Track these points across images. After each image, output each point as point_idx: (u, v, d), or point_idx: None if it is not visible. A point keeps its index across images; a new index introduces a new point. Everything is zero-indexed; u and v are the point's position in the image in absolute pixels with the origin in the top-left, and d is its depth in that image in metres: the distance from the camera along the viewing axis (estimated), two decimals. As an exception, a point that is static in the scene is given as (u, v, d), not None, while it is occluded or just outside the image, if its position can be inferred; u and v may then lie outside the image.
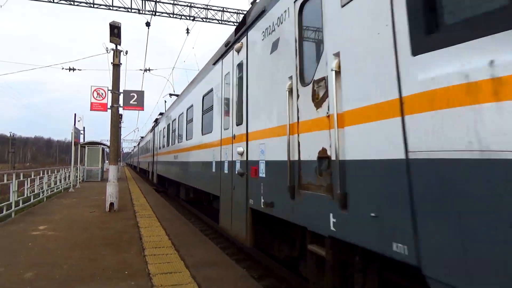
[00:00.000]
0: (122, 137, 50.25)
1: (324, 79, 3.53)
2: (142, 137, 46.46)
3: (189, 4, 21.44)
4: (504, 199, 1.85)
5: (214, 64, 8.14)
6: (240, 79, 6.20)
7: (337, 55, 3.31)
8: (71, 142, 19.95)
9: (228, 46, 7.08)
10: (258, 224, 5.61)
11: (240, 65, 6.24)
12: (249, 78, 5.71)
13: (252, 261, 7.78)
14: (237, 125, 6.35)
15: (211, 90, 8.46)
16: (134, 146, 72.64)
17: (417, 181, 2.40)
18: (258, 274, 6.93)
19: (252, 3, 6.27)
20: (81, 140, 24.33)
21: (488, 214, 1.93)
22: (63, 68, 19.48)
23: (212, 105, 8.34)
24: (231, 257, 7.65)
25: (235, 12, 22.22)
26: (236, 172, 6.16)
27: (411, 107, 2.44)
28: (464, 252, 2.06)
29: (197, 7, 21.54)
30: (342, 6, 3.26)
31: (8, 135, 71.88)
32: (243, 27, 6.18)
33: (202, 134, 9.38)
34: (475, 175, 2.00)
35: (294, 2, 4.22)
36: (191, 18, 21.39)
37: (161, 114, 23.28)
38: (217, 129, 7.76)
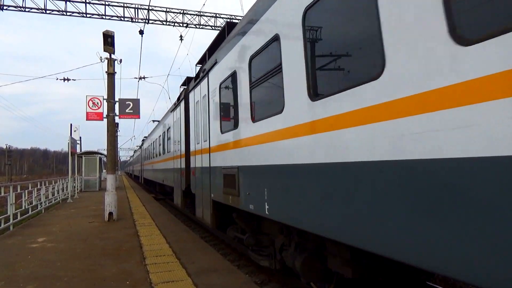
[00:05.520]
0: (119, 145, 50.10)
1: None
2: (145, 137, 34.41)
3: (182, 11, 21.49)
4: None
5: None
6: None
7: None
8: (68, 152, 19.86)
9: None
10: None
11: None
12: None
13: (254, 267, 7.75)
14: None
15: None
16: (135, 151, 58.51)
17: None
18: (261, 280, 6.90)
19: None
20: (78, 150, 24.26)
21: None
22: (57, 79, 19.44)
23: None
24: (232, 263, 7.64)
25: (228, 18, 22.28)
26: None
27: None
28: None
29: (190, 14, 21.59)
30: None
31: (4, 147, 71.49)
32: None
33: None
34: None
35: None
36: (184, 25, 21.43)
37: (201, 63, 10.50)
38: None
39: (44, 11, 19.24)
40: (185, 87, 12.44)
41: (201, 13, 21.72)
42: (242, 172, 6.07)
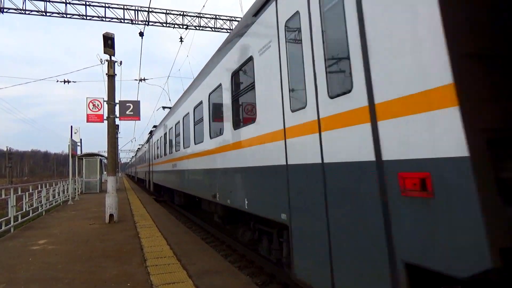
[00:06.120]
0: (119, 147, 49.93)
1: None
2: (155, 127, 23.92)
3: (181, 13, 21.52)
4: None
5: None
6: None
7: None
8: (68, 154, 19.87)
9: None
10: None
11: None
12: None
13: (255, 268, 7.74)
14: None
15: None
16: (138, 149, 47.83)
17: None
18: (262, 281, 6.89)
19: None
20: (79, 152, 24.27)
21: None
22: (57, 81, 19.49)
23: None
24: (233, 264, 7.62)
25: (227, 19, 22.32)
26: None
27: None
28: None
29: (190, 16, 21.62)
30: None
31: (5, 149, 71.61)
32: None
33: None
34: None
35: None
36: (184, 26, 21.46)
37: None
38: None
39: (44, 14, 19.27)
40: None
41: (201, 15, 21.75)
42: None
